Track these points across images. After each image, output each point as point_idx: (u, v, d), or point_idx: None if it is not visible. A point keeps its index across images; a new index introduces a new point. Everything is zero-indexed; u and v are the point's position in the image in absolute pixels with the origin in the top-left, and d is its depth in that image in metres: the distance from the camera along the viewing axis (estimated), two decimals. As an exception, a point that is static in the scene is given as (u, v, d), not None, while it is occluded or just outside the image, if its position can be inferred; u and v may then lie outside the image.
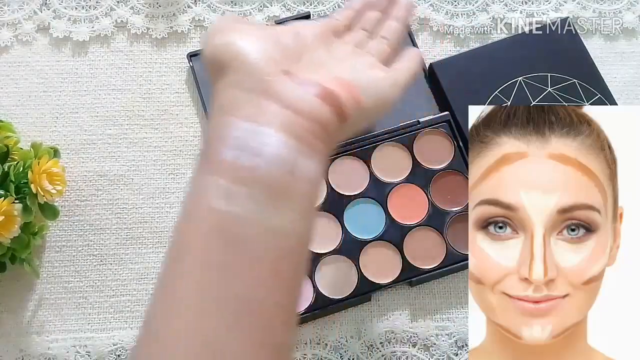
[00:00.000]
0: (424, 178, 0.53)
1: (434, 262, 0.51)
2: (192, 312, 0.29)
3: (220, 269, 0.30)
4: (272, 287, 0.31)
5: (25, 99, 0.56)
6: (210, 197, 0.31)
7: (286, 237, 0.31)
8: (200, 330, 0.29)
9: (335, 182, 0.52)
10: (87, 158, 0.54)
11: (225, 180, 0.31)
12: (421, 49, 0.57)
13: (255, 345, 0.30)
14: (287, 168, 0.31)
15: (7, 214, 0.45)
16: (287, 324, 0.32)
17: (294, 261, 0.32)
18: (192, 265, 0.30)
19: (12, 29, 0.58)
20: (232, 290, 0.30)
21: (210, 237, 0.30)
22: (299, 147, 0.32)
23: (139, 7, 0.59)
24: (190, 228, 0.31)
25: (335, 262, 0.50)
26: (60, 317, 0.50)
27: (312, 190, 0.33)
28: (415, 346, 0.50)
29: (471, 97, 0.54)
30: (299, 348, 0.49)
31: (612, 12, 0.60)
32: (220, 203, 0.30)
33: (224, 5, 0.59)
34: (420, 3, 0.60)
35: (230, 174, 0.31)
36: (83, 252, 0.52)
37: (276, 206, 0.31)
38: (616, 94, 0.56)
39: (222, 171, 0.31)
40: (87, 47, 0.58)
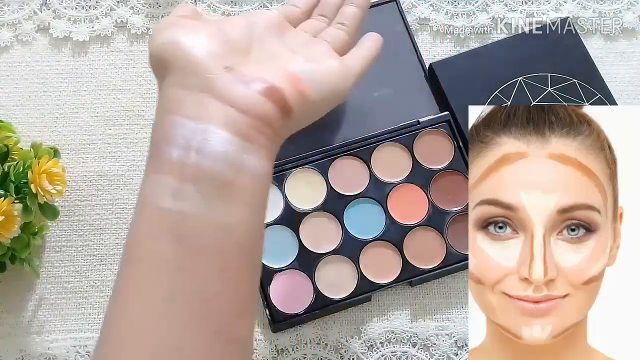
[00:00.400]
0: (424, 178, 0.53)
1: (434, 262, 0.51)
2: (145, 313, 0.30)
3: (172, 267, 0.30)
4: (225, 282, 0.31)
5: (25, 99, 0.56)
6: (158, 196, 0.31)
7: (236, 231, 0.32)
8: (155, 331, 0.29)
9: (335, 182, 0.52)
10: (87, 158, 0.54)
11: (172, 178, 0.31)
12: (421, 49, 0.57)
13: (212, 341, 0.30)
14: (232, 164, 0.31)
15: (7, 214, 0.45)
16: (244, 317, 0.32)
17: (246, 255, 0.32)
18: (144, 265, 0.31)
19: (12, 29, 0.58)
20: (184, 288, 0.30)
21: (160, 236, 0.31)
22: (243, 144, 0.32)
23: (139, 7, 0.59)
24: (141, 228, 0.32)
25: (335, 262, 0.50)
26: (60, 317, 0.50)
27: (260, 185, 0.33)
28: (415, 346, 0.50)
29: (471, 97, 0.54)
30: (299, 348, 0.49)
31: (612, 12, 0.60)
32: (168, 202, 0.31)
33: (224, 5, 0.59)
34: (420, 3, 0.60)
35: (177, 173, 0.31)
36: (83, 252, 0.52)
37: (224, 202, 0.31)
38: (616, 94, 0.56)
39: (168, 170, 0.31)
40: (87, 47, 0.58)
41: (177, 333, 0.30)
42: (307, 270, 0.50)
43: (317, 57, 0.38)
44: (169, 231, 0.30)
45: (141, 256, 0.31)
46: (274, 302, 0.49)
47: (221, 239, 0.31)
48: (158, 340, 0.29)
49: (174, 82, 0.34)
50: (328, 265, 0.50)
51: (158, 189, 0.31)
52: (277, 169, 0.52)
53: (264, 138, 0.33)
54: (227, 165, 0.31)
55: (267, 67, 0.35)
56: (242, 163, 0.32)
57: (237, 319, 0.32)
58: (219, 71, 0.33)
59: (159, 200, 0.31)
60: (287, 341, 0.49)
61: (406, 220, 0.52)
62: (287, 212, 0.51)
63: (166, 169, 0.31)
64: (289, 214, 0.51)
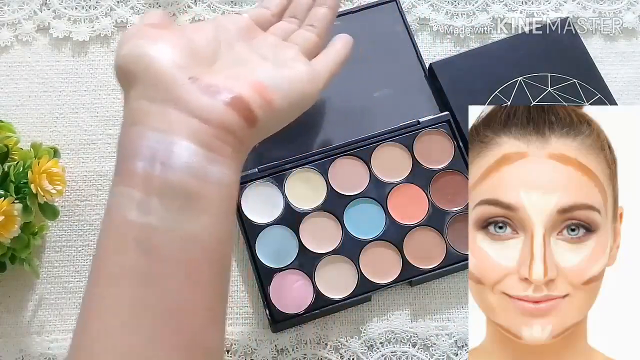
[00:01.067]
0: (424, 178, 0.53)
1: (434, 262, 0.51)
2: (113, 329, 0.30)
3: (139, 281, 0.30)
4: (193, 293, 0.31)
5: (25, 99, 0.56)
6: (125, 209, 0.31)
7: (203, 242, 0.32)
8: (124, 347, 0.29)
9: (335, 182, 0.52)
10: (87, 158, 0.54)
11: (138, 191, 0.31)
12: (421, 49, 0.57)
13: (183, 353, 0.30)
14: (197, 176, 0.31)
15: (7, 214, 0.45)
16: (214, 327, 0.32)
17: (214, 265, 0.32)
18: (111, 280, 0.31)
19: (12, 29, 0.58)
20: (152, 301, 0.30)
21: (127, 249, 0.30)
22: (208, 155, 0.32)
23: (139, 7, 0.59)
24: (108, 242, 0.32)
25: (335, 262, 0.50)
26: (60, 317, 0.50)
27: (226, 195, 0.33)
28: (415, 346, 0.50)
29: (471, 97, 0.54)
30: (299, 348, 0.49)
31: (612, 12, 0.60)
32: (134, 215, 0.31)
33: (224, 5, 0.59)
34: (420, 3, 0.60)
35: (143, 185, 0.31)
36: (83, 252, 0.52)
37: (190, 213, 0.31)
38: (616, 94, 0.56)
39: (134, 183, 0.31)
40: (87, 47, 0.58)
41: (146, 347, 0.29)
42: (307, 270, 0.50)
43: (285, 62, 0.38)
44: (136, 244, 0.30)
45: (108, 270, 0.31)
46: (274, 302, 0.49)
47: (188, 250, 0.31)
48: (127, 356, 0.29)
49: (139, 94, 0.33)
50: (328, 265, 0.50)
51: (124, 202, 0.31)
52: (277, 169, 0.52)
53: (229, 148, 0.33)
54: (193, 176, 0.31)
55: (233, 75, 0.35)
56: (207, 174, 0.32)
57: (206, 330, 0.32)
58: (183, 82, 0.33)
59: (125, 213, 0.31)
60: (287, 341, 0.49)
61: (406, 220, 0.52)
62: (287, 212, 0.51)
63: (131, 181, 0.31)
64: (289, 214, 0.51)
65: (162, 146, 0.31)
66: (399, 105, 0.55)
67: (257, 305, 0.51)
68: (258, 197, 0.52)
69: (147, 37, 0.35)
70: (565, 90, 0.55)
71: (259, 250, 0.50)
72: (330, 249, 0.50)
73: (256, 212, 0.51)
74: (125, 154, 0.33)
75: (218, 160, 0.32)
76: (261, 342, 0.49)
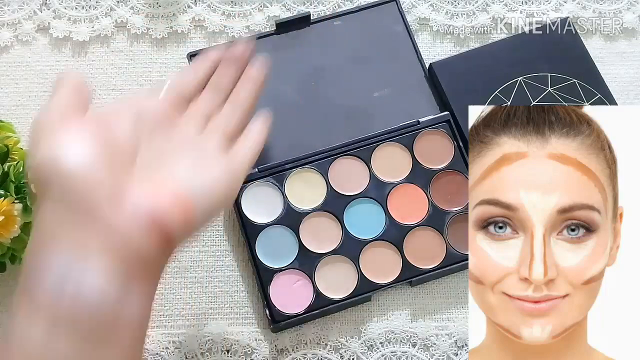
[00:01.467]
0: (424, 178, 0.53)
1: (434, 262, 0.51)
2: None
3: None
4: None
5: (25, 99, 0.56)
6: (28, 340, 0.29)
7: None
8: None
9: (335, 182, 0.52)
10: (87, 158, 0.54)
11: (43, 322, 0.29)
12: (421, 49, 0.57)
13: None
14: (107, 306, 0.30)
15: (7, 214, 0.45)
16: None
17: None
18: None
19: (12, 29, 0.58)
20: None
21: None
22: (124, 282, 0.31)
23: (139, 7, 0.59)
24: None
25: (335, 262, 0.50)
26: (60, 317, 0.50)
27: (136, 324, 0.32)
28: (415, 346, 0.50)
29: (471, 97, 0.54)
30: (299, 348, 0.49)
31: (612, 12, 0.60)
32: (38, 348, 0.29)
33: (224, 5, 0.59)
34: (420, 3, 0.60)
35: (49, 315, 0.29)
36: (83, 252, 0.52)
37: (97, 346, 0.30)
38: (616, 94, 0.56)
39: (40, 311, 0.29)
40: (87, 47, 0.58)
41: None
42: (307, 270, 0.50)
43: (205, 160, 0.37)
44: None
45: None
46: (274, 302, 0.49)
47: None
48: None
49: (52, 206, 0.31)
50: (328, 265, 0.50)
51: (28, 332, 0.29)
52: (277, 169, 0.52)
53: (144, 273, 0.32)
54: (102, 307, 0.30)
55: (154, 181, 0.34)
56: (121, 304, 0.30)
57: None
58: (100, 199, 0.31)
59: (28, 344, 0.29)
60: (287, 341, 0.49)
61: (406, 220, 0.52)
62: (287, 212, 0.51)
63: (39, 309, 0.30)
64: (289, 214, 0.51)
65: (72, 273, 0.30)
66: (399, 105, 0.55)
67: (257, 305, 0.51)
68: (258, 197, 0.52)
69: (65, 133, 0.32)
70: (565, 90, 0.55)
71: (259, 250, 0.50)
72: (330, 249, 0.50)
73: (256, 212, 0.51)
74: (33, 277, 0.30)
75: (130, 286, 0.31)
76: (261, 342, 0.49)
